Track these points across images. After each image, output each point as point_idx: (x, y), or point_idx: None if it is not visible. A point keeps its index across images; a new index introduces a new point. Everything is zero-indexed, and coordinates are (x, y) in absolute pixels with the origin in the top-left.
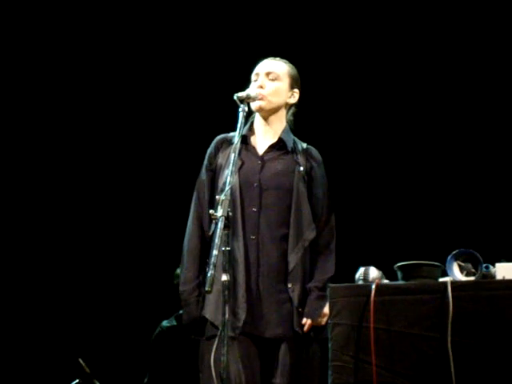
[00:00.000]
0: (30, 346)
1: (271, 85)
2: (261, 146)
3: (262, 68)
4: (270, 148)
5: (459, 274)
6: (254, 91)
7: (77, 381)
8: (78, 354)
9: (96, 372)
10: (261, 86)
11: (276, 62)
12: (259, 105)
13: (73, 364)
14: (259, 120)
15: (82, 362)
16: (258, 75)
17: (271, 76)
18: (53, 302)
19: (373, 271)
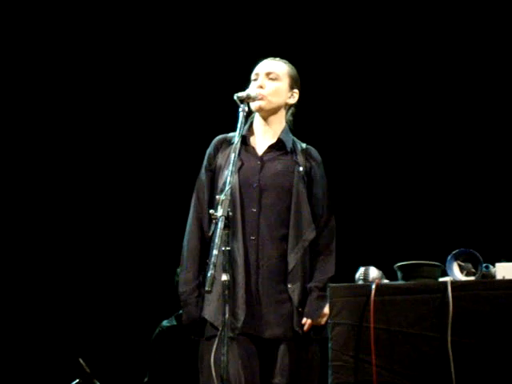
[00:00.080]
0: (30, 346)
1: (271, 85)
2: (260, 147)
3: (262, 68)
4: (270, 148)
5: (459, 274)
6: (254, 91)
7: (77, 381)
8: (78, 354)
9: (96, 372)
10: (261, 86)
11: (276, 62)
12: (259, 105)
13: (73, 364)
14: (259, 120)
15: (82, 362)
16: (258, 75)
17: (271, 76)
18: (53, 302)
19: (373, 271)
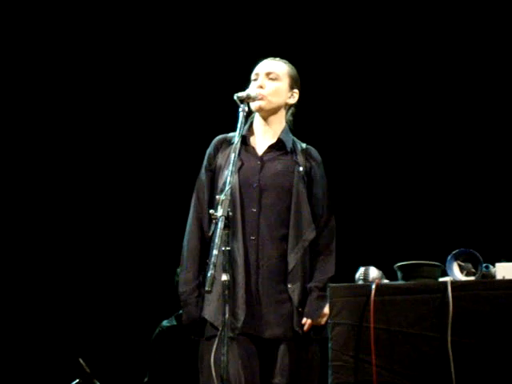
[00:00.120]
0: (30, 346)
1: (271, 85)
2: (260, 147)
3: (262, 68)
4: (270, 148)
5: (459, 274)
6: (254, 91)
7: (77, 381)
8: (78, 354)
9: (96, 372)
10: (261, 86)
11: (276, 62)
12: (259, 105)
13: (73, 364)
14: (259, 120)
15: (82, 362)
16: (258, 75)
17: (271, 76)
18: (53, 302)
19: (373, 271)
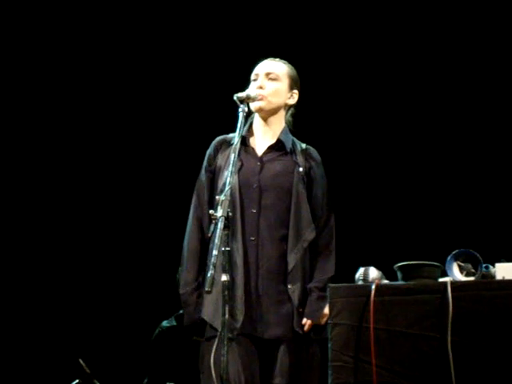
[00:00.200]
0: (30, 346)
1: (271, 85)
2: (260, 147)
3: (262, 68)
4: (269, 149)
5: (459, 274)
6: (254, 91)
7: (77, 381)
8: (78, 354)
9: (96, 372)
10: (260, 87)
11: (276, 63)
12: (259, 105)
13: (73, 364)
14: (258, 121)
15: (82, 362)
16: (258, 75)
17: (271, 76)
18: (53, 302)
19: (373, 271)
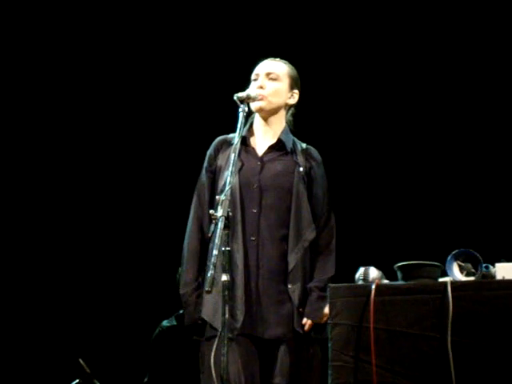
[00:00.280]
0: (30, 346)
1: (271, 85)
2: (260, 147)
3: (262, 68)
4: (270, 149)
5: (459, 274)
6: (254, 91)
7: (77, 381)
8: (78, 354)
9: (96, 372)
10: (261, 87)
11: (276, 63)
12: (259, 105)
13: (73, 364)
14: (259, 121)
15: (82, 362)
16: (258, 75)
17: (271, 76)
18: (53, 302)
19: (373, 271)
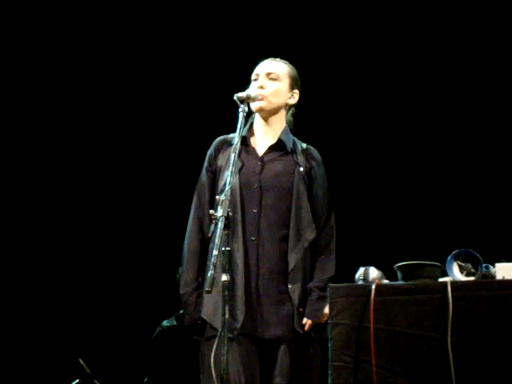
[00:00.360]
0: (30, 346)
1: (271, 85)
2: (260, 147)
3: (263, 68)
4: (270, 149)
5: (459, 274)
6: (255, 91)
7: (77, 381)
8: (78, 354)
9: (96, 372)
10: (261, 87)
11: (276, 63)
12: (259, 105)
13: (73, 364)
14: (259, 121)
15: (82, 362)
16: (259, 75)
17: (271, 76)
18: (53, 303)
19: (373, 271)
